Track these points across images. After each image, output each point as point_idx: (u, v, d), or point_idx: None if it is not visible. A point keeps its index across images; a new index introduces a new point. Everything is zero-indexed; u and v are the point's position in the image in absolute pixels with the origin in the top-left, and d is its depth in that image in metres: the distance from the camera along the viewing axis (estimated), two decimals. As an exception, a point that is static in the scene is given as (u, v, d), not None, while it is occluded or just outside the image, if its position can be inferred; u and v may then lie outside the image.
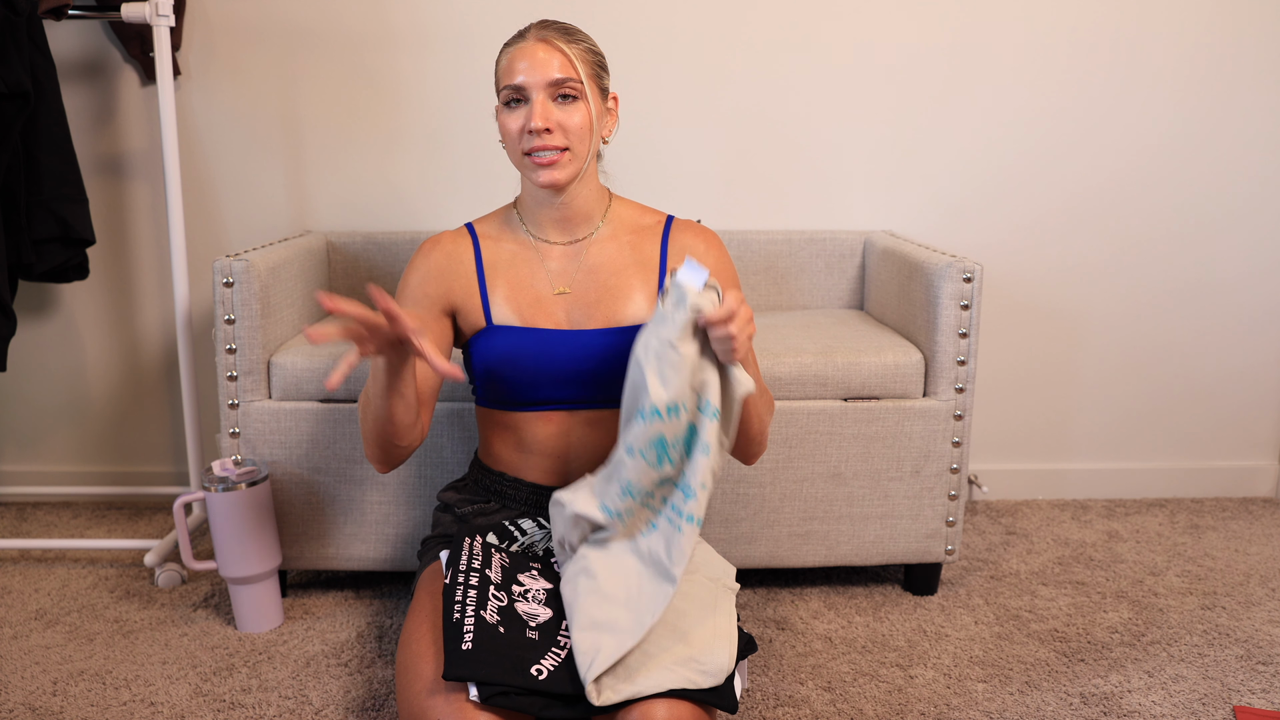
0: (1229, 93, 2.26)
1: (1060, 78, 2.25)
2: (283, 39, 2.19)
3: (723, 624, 1.21)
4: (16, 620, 1.79)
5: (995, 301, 2.33)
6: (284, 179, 2.25)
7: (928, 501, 1.84)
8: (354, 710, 1.51)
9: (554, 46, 1.36)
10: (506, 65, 1.37)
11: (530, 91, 1.34)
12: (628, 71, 2.19)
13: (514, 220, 1.48)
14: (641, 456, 1.16)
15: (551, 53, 1.35)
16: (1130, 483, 2.44)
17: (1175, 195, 2.31)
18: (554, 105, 1.35)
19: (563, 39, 1.37)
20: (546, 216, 1.44)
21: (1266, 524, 2.28)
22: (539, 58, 1.35)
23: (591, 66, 1.39)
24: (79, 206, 2.00)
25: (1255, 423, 2.44)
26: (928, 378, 1.82)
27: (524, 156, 1.37)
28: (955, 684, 1.60)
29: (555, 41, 1.36)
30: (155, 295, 2.30)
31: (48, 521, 2.28)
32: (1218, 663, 1.66)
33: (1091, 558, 2.08)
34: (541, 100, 1.34)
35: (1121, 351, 2.38)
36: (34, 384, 2.34)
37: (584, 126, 1.37)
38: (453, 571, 1.25)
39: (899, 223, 2.31)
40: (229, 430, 1.78)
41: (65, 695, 1.55)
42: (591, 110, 1.38)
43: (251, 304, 1.73)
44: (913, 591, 1.92)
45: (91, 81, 2.20)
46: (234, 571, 1.71)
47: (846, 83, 2.24)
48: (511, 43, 1.40)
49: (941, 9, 2.21)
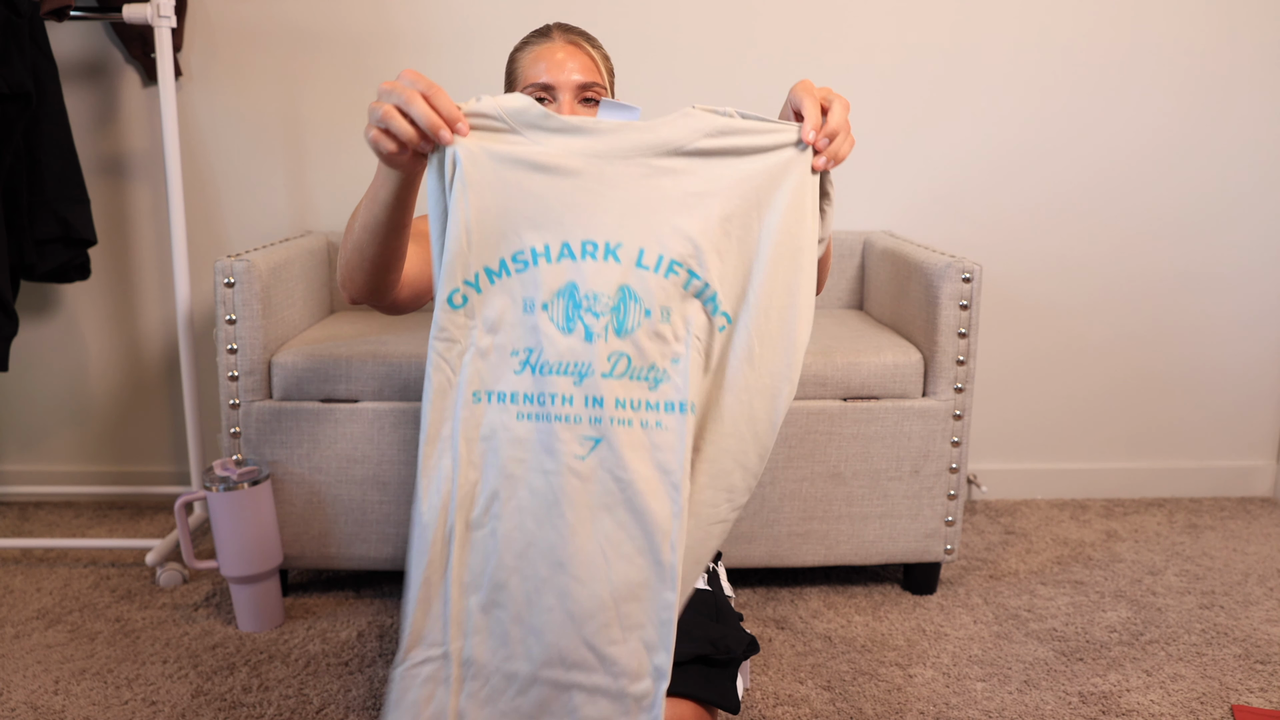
0: (1224, 90, 2.27)
1: (1057, 76, 2.25)
2: (284, 40, 2.19)
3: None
4: (18, 620, 1.80)
5: (994, 301, 2.33)
6: (285, 179, 2.26)
7: (927, 501, 1.84)
8: (355, 709, 1.52)
9: (581, 49, 1.38)
10: (530, 63, 1.38)
11: (558, 92, 1.35)
12: (632, 73, 2.19)
13: None
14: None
15: (578, 54, 1.37)
16: (1129, 482, 2.45)
17: (1173, 193, 2.31)
18: (579, 108, 1.36)
19: (587, 43, 1.40)
20: None
21: (1264, 523, 2.28)
22: (567, 59, 1.36)
23: (609, 73, 1.43)
24: (81, 207, 2.00)
25: (1253, 422, 2.44)
26: (927, 377, 1.83)
27: None
28: (954, 683, 1.60)
29: (582, 44, 1.39)
30: (156, 295, 2.31)
31: (49, 521, 2.28)
32: (1216, 662, 1.67)
33: (1090, 557, 2.09)
34: (569, 101, 1.35)
35: (1120, 350, 2.39)
36: (36, 384, 2.35)
37: None
38: None
39: (898, 222, 2.31)
40: (230, 430, 1.78)
41: (67, 694, 1.55)
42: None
43: (253, 304, 1.73)
44: (912, 591, 1.92)
45: (93, 82, 2.20)
46: (235, 571, 1.71)
47: (846, 82, 2.24)
48: (533, 41, 1.40)
49: (940, 9, 2.22)
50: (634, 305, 0.97)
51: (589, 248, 0.97)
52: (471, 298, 0.98)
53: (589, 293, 0.96)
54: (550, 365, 0.96)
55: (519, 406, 0.97)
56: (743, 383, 1.00)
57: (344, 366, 1.76)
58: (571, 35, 1.40)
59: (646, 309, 0.97)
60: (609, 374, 0.96)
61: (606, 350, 0.96)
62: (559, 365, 0.96)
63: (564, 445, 0.96)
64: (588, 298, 0.96)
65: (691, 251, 0.97)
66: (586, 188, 0.96)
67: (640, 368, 0.97)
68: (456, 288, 0.98)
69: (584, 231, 0.96)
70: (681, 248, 0.97)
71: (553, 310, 0.96)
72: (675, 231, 0.97)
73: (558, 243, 0.97)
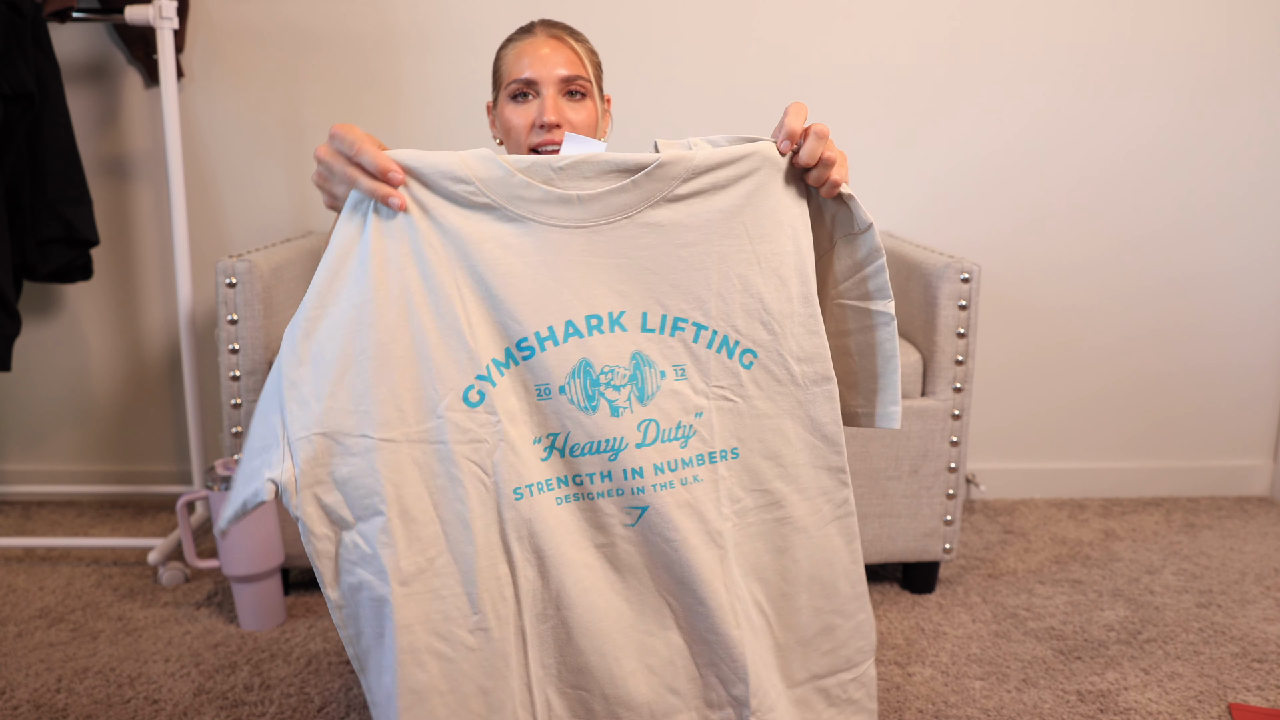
0: (1225, 90, 2.27)
1: (1057, 76, 2.26)
2: (286, 41, 2.20)
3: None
4: (21, 618, 1.81)
5: (993, 301, 2.34)
6: (286, 180, 2.26)
7: (926, 500, 1.85)
8: (356, 708, 1.52)
9: (564, 43, 1.38)
10: (513, 59, 1.38)
11: (541, 86, 1.36)
12: (630, 71, 2.20)
13: None
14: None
15: (561, 49, 1.37)
16: (1127, 482, 2.45)
17: (1172, 193, 2.32)
18: (564, 101, 1.36)
19: (571, 37, 1.40)
20: None
21: (1262, 522, 2.29)
22: (551, 54, 1.36)
23: (595, 67, 1.42)
24: (83, 208, 2.01)
25: (1250, 422, 2.45)
26: (926, 377, 1.83)
27: (530, 152, 1.38)
28: (953, 682, 1.61)
29: (565, 39, 1.39)
30: (158, 295, 2.32)
31: (52, 520, 2.29)
32: (1213, 660, 1.67)
33: (1088, 556, 2.09)
34: (553, 95, 1.35)
35: (1118, 350, 2.39)
36: (38, 384, 2.36)
37: (590, 124, 1.39)
38: None
39: (897, 223, 2.32)
40: (232, 429, 1.79)
41: (70, 693, 1.56)
42: (597, 109, 1.40)
43: (254, 304, 1.74)
44: (910, 590, 1.93)
45: (95, 83, 2.21)
46: (237, 570, 1.72)
47: (846, 82, 2.25)
48: (516, 38, 1.41)
49: (940, 8, 2.22)
50: (649, 370, 0.97)
51: (593, 321, 0.95)
52: (489, 393, 0.94)
53: (605, 368, 0.95)
54: (580, 447, 0.96)
55: (554, 491, 0.97)
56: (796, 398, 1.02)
57: (345, 366, 1.77)
58: (555, 30, 1.40)
59: (661, 371, 0.97)
60: (642, 444, 0.97)
61: (634, 421, 0.96)
62: (589, 445, 0.96)
63: (610, 519, 0.98)
64: (605, 373, 0.95)
65: (693, 304, 0.97)
66: (580, 261, 0.95)
67: (669, 429, 0.98)
68: (471, 384, 0.94)
69: (586, 306, 0.95)
70: (682, 303, 0.97)
71: (571, 392, 0.95)
72: (674, 289, 0.97)
73: (561, 323, 0.94)
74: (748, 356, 1.00)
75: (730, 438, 1.00)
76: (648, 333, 0.97)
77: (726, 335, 0.99)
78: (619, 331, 0.96)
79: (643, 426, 0.97)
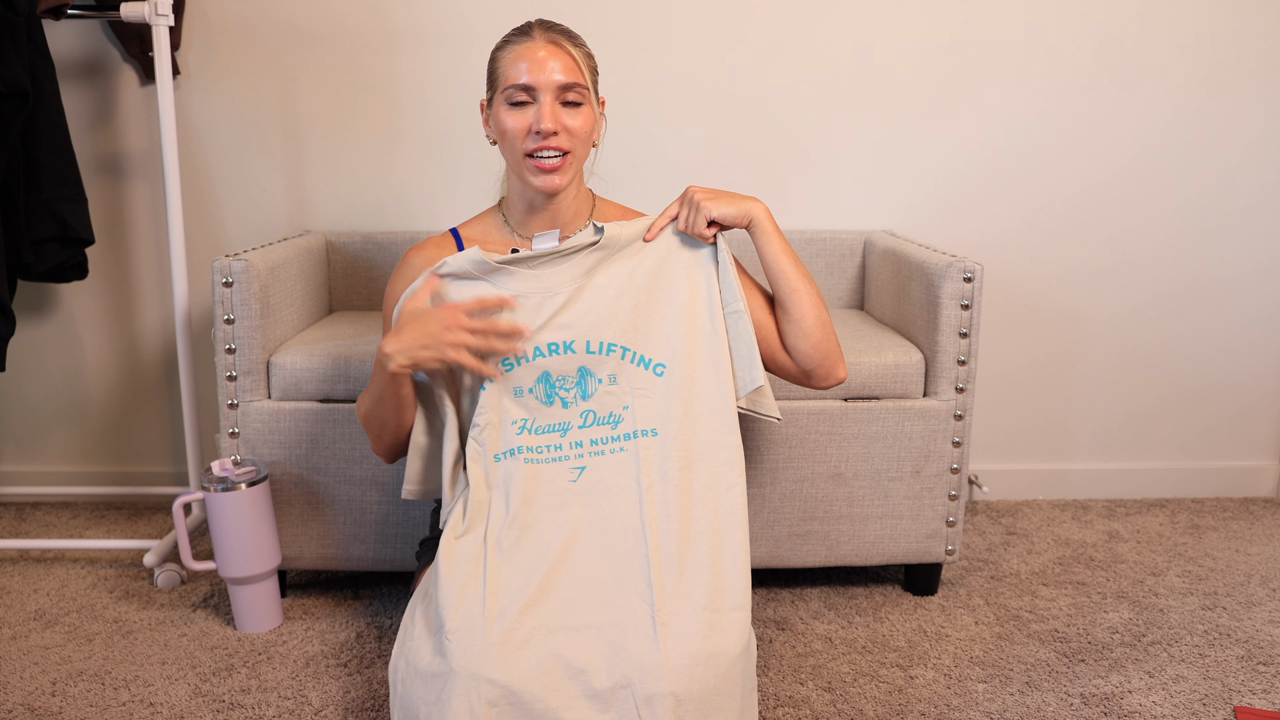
0: (1231, 93, 2.26)
1: (1061, 77, 2.24)
2: (282, 39, 2.19)
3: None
4: (15, 620, 1.79)
5: (996, 301, 2.33)
6: (283, 178, 2.25)
7: (928, 501, 1.84)
8: (353, 710, 1.51)
9: (562, 49, 1.35)
10: (510, 62, 1.36)
11: (539, 93, 1.34)
12: (626, 69, 2.19)
13: (500, 222, 1.48)
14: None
15: (559, 55, 1.35)
16: (1131, 483, 2.44)
17: (1176, 195, 2.31)
18: (561, 109, 1.35)
19: (569, 42, 1.37)
20: (535, 218, 1.44)
21: (1267, 524, 2.28)
22: (548, 59, 1.34)
23: (592, 72, 1.40)
24: (78, 206, 1.99)
25: (1255, 423, 2.44)
26: (928, 378, 1.82)
27: (525, 158, 1.37)
28: (955, 684, 1.59)
29: (563, 44, 1.36)
30: (154, 295, 2.30)
31: (47, 522, 2.28)
32: (1218, 663, 1.66)
33: (1092, 558, 2.08)
34: (550, 102, 1.34)
35: (1122, 351, 2.38)
36: (33, 384, 2.34)
37: (586, 131, 1.38)
38: None
39: (899, 222, 2.31)
40: (228, 430, 1.77)
41: (64, 695, 1.55)
42: (595, 115, 1.38)
43: (251, 304, 1.73)
44: (913, 592, 1.91)
45: (90, 81, 2.20)
46: (233, 572, 1.71)
47: (847, 81, 2.24)
48: (514, 40, 1.38)
49: (942, 8, 2.21)
50: (590, 379, 1.38)
51: (553, 348, 1.36)
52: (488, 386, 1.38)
53: (559, 376, 1.37)
54: (541, 427, 1.38)
55: (523, 456, 1.36)
56: (699, 394, 1.39)
57: (343, 366, 1.76)
58: (553, 34, 1.37)
59: (599, 379, 1.38)
60: (584, 425, 1.38)
61: (579, 411, 1.38)
62: (548, 427, 1.37)
63: (561, 475, 1.36)
64: (559, 380, 1.37)
65: (621, 333, 1.37)
66: (544, 306, 1.37)
67: (603, 416, 1.38)
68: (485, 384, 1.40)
69: (548, 335, 1.37)
70: (614, 333, 1.37)
71: (536, 392, 1.37)
72: (608, 324, 1.37)
73: (531, 348, 1.36)
74: (660, 368, 1.38)
75: (650, 422, 1.36)
76: (590, 354, 1.37)
77: (643, 354, 1.38)
78: (569, 354, 1.37)
79: (585, 415, 1.37)
